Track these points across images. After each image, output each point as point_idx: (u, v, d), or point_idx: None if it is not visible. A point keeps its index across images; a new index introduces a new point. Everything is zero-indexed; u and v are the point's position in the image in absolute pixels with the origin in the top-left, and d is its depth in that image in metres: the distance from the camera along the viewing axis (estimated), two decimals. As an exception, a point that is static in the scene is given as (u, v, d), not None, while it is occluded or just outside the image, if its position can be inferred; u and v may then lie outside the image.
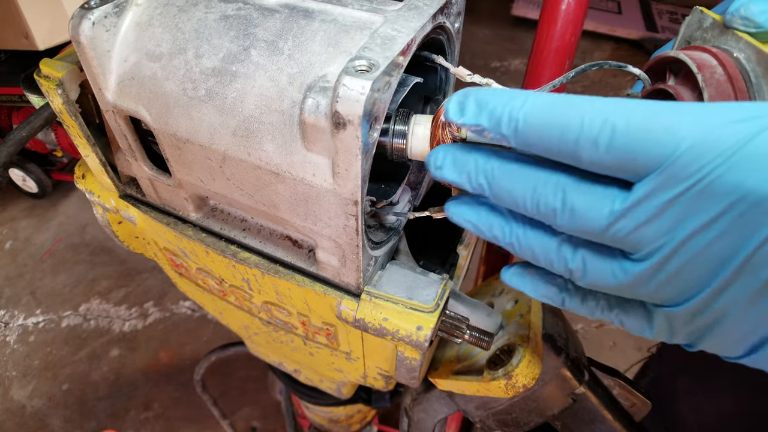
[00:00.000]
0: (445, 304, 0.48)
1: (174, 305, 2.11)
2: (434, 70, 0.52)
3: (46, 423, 1.77)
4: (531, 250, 0.33)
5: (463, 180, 0.34)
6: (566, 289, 0.36)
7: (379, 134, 0.43)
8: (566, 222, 0.29)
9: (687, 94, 0.39)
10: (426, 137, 0.42)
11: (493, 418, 0.63)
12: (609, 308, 0.34)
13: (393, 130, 0.43)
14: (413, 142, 0.43)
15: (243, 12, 0.41)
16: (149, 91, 0.42)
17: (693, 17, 0.43)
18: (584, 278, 0.32)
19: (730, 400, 0.73)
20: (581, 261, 0.31)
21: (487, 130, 0.31)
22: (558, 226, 0.30)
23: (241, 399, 1.82)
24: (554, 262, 0.33)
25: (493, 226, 0.35)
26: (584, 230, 0.29)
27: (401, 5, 0.41)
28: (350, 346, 0.57)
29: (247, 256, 0.51)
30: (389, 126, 0.43)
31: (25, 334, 2.02)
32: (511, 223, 0.34)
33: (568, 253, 0.32)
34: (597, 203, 0.28)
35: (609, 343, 2.01)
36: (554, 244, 0.32)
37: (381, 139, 0.43)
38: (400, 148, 0.44)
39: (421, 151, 0.43)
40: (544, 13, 0.60)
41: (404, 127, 0.43)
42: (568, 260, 0.32)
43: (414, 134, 0.43)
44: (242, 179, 0.43)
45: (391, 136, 0.43)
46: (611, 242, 0.29)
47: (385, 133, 0.43)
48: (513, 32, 3.86)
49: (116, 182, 0.56)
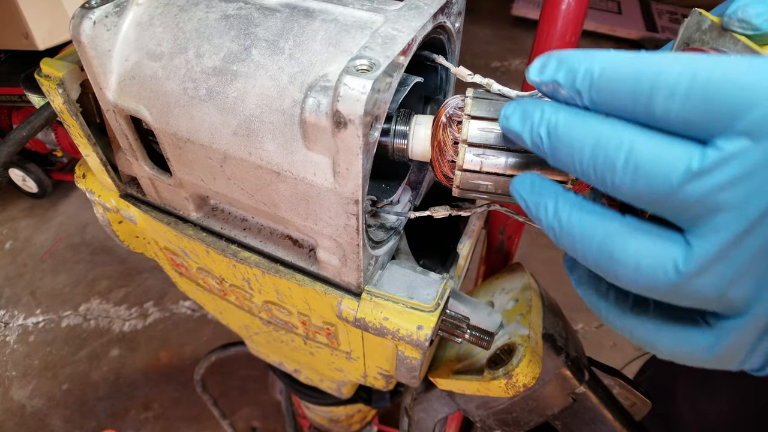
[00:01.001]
0: (445, 304, 0.48)
1: (174, 305, 2.11)
2: (435, 69, 0.52)
3: (46, 423, 1.77)
4: (571, 236, 0.29)
5: (525, 130, 0.31)
6: (606, 297, 0.32)
7: (381, 134, 0.43)
8: (627, 181, 0.25)
9: None
10: (427, 138, 0.43)
11: (493, 417, 0.63)
12: (655, 325, 0.29)
13: (394, 131, 0.43)
14: (414, 142, 0.43)
15: (244, 11, 0.41)
16: (150, 91, 0.42)
17: (692, 19, 0.43)
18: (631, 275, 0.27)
19: (730, 400, 0.73)
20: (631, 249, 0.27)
21: (563, 86, 0.28)
22: (615, 189, 0.26)
23: (241, 399, 1.82)
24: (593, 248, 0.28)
25: (539, 205, 0.31)
26: (647, 192, 0.25)
27: (402, 5, 0.41)
28: (350, 346, 0.57)
29: (248, 255, 0.51)
30: (390, 126, 0.43)
31: (25, 334, 2.02)
32: (560, 197, 0.30)
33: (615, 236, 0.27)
34: (670, 158, 0.24)
35: (609, 343, 2.01)
36: (600, 230, 0.28)
37: (382, 140, 0.44)
38: (402, 149, 0.44)
39: (422, 151, 0.43)
40: (544, 13, 0.60)
41: (405, 128, 0.43)
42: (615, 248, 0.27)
43: (415, 135, 0.43)
44: (243, 178, 0.43)
45: (393, 136, 0.43)
46: (677, 209, 0.24)
47: (387, 133, 0.43)
48: (513, 32, 3.86)
49: (117, 182, 0.56)
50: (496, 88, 0.39)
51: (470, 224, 0.62)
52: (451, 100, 0.41)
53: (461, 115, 0.40)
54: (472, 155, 0.39)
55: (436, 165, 0.42)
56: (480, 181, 0.40)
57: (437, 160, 0.42)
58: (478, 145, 0.39)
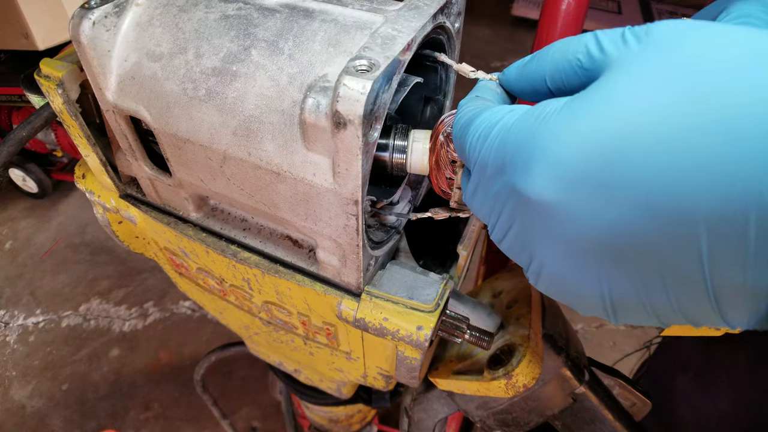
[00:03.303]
0: (445, 304, 0.48)
1: (174, 305, 2.11)
2: (434, 70, 0.52)
3: (46, 423, 1.77)
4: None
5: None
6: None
7: (379, 149, 0.43)
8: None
9: None
10: (425, 152, 0.43)
11: (493, 417, 0.63)
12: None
13: (393, 146, 0.44)
14: (413, 157, 0.44)
15: (243, 12, 0.41)
16: (149, 91, 0.42)
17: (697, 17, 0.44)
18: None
19: (730, 400, 0.73)
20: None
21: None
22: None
23: (241, 399, 1.82)
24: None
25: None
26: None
27: (401, 5, 0.41)
28: (350, 346, 0.57)
29: (248, 255, 0.51)
30: (389, 142, 0.44)
31: (25, 334, 2.02)
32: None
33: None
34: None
35: (609, 343, 2.01)
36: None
37: (381, 155, 0.44)
38: (401, 164, 0.44)
39: (420, 166, 0.44)
40: (544, 13, 0.60)
41: (404, 143, 0.44)
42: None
43: (413, 150, 0.43)
44: (243, 179, 0.43)
45: (391, 151, 0.44)
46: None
47: (385, 149, 0.44)
48: (513, 32, 3.86)
49: (116, 182, 0.56)
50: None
51: (470, 225, 0.62)
52: (447, 117, 0.41)
53: None
54: None
55: (434, 181, 0.42)
56: None
57: (435, 177, 0.42)
58: None
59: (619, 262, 0.25)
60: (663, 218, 0.23)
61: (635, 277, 0.25)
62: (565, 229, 0.26)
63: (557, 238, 0.27)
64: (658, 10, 3.93)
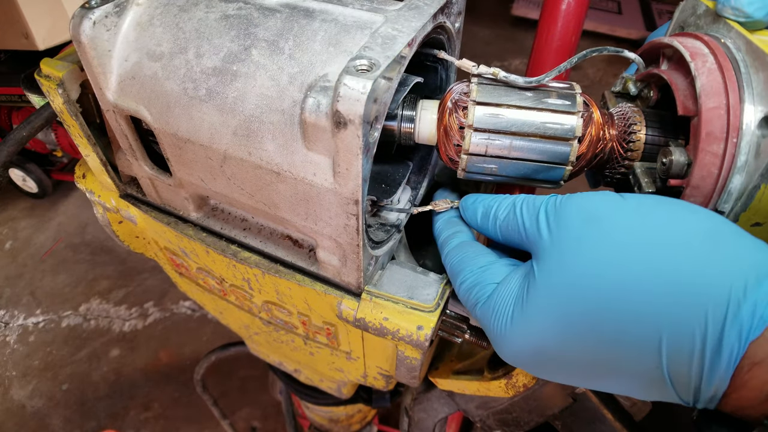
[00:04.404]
0: (445, 304, 0.48)
1: (174, 305, 2.11)
2: (434, 69, 0.52)
3: (46, 423, 1.77)
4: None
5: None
6: None
7: (388, 119, 0.44)
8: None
9: (680, 80, 0.40)
10: (433, 122, 0.44)
11: (493, 417, 0.63)
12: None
13: (401, 116, 0.44)
14: (421, 126, 0.44)
15: (244, 12, 0.41)
16: (150, 91, 0.42)
17: (687, 2, 0.45)
18: None
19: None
20: None
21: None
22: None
23: (241, 399, 1.82)
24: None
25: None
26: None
27: (402, 5, 0.41)
28: (350, 346, 0.57)
29: (248, 255, 0.51)
30: (398, 111, 0.44)
31: (25, 334, 2.02)
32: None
33: None
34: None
35: (609, 343, 2.01)
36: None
37: (389, 124, 0.45)
38: (409, 133, 0.45)
39: (428, 135, 0.44)
40: (544, 13, 0.60)
41: (412, 113, 0.44)
42: None
43: (422, 119, 0.44)
44: (243, 179, 0.43)
45: (400, 120, 0.44)
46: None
47: (394, 118, 0.44)
48: (513, 32, 3.86)
49: (117, 182, 0.56)
50: (502, 75, 0.41)
51: (470, 224, 0.62)
52: (457, 85, 0.42)
53: (466, 100, 0.41)
54: (477, 139, 0.40)
55: (442, 148, 0.43)
56: (485, 164, 0.42)
57: (443, 144, 0.43)
58: (483, 129, 0.40)
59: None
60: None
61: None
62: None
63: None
64: (658, 10, 3.93)
